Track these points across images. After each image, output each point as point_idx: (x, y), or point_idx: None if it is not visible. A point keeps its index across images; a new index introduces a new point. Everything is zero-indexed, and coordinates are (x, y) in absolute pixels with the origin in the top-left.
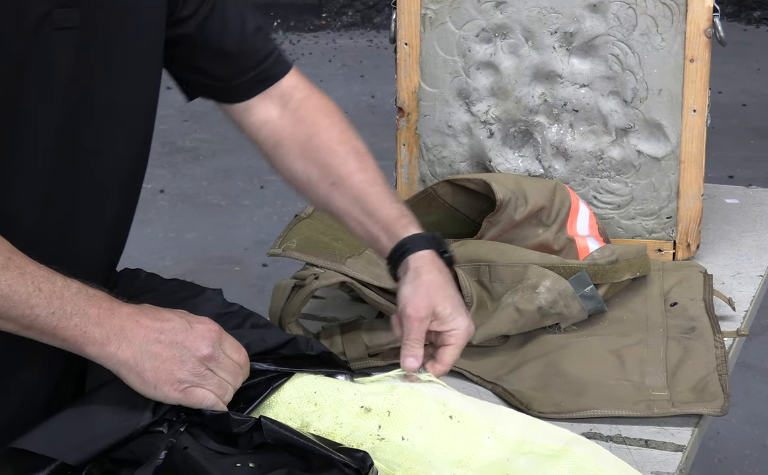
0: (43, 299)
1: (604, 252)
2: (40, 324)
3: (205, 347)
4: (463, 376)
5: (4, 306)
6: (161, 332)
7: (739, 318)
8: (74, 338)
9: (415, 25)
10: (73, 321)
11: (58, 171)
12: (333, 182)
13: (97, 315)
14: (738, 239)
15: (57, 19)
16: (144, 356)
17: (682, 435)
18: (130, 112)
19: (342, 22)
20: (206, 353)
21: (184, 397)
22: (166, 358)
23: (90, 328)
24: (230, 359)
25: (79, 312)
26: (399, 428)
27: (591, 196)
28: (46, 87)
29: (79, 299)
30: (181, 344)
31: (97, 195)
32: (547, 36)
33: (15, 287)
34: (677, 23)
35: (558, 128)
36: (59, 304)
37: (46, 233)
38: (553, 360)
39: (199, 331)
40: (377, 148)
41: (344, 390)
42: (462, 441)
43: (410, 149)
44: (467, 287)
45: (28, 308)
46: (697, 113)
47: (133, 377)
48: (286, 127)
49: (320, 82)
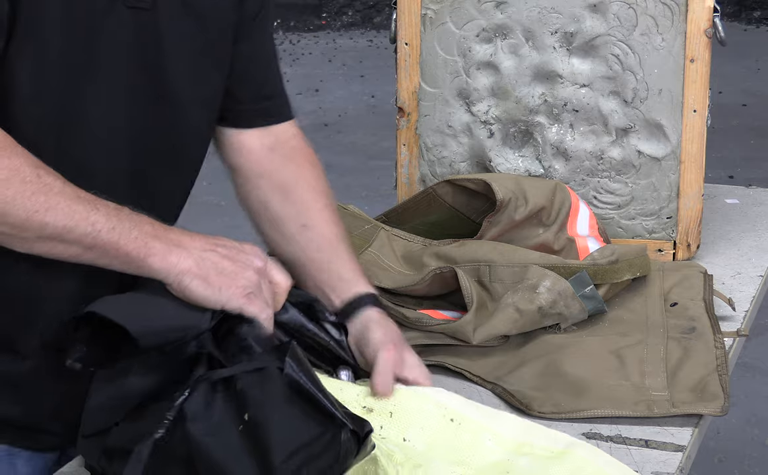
0: (102, 216)
1: (605, 252)
2: (103, 240)
3: (258, 260)
4: (463, 376)
5: (66, 226)
6: (216, 244)
7: (739, 318)
8: (137, 250)
9: (415, 25)
10: (133, 234)
11: (129, 150)
12: (305, 224)
13: (153, 230)
14: (738, 239)
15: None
16: (206, 263)
17: (682, 435)
18: (192, 101)
19: (342, 22)
20: (260, 265)
21: (247, 302)
22: (226, 265)
23: (150, 240)
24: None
25: (137, 227)
26: (401, 429)
27: (591, 196)
28: (114, 63)
29: (134, 216)
30: (237, 256)
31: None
32: (547, 36)
33: (74, 207)
34: (677, 23)
35: (558, 128)
36: (117, 220)
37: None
38: (553, 360)
39: (249, 247)
40: (377, 148)
41: (347, 390)
42: (463, 442)
43: (410, 149)
44: (467, 287)
45: (89, 225)
46: (698, 113)
47: (197, 283)
48: (273, 163)
49: (320, 82)
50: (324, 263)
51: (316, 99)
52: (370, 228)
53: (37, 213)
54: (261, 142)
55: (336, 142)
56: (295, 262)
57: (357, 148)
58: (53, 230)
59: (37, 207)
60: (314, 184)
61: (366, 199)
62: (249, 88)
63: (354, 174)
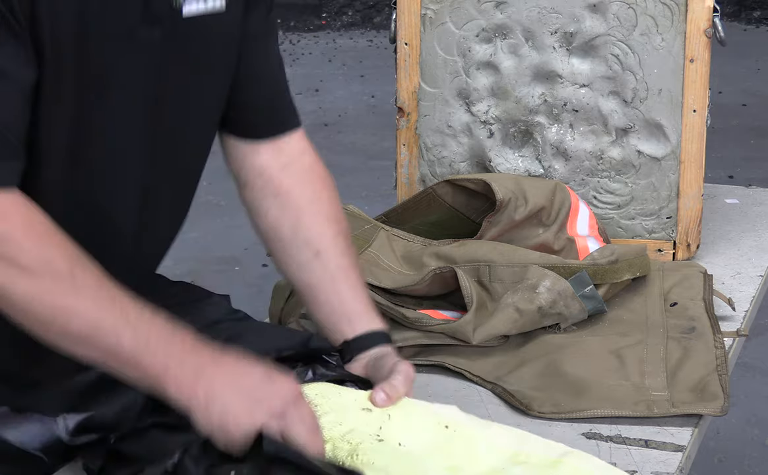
0: (130, 329)
1: (604, 252)
2: (124, 354)
3: (279, 404)
4: (463, 376)
5: (90, 333)
6: (243, 376)
7: (739, 318)
8: (155, 374)
9: (415, 25)
10: (157, 356)
11: (147, 169)
12: (318, 252)
13: (180, 352)
14: (738, 239)
15: (141, 36)
16: (216, 402)
17: (682, 435)
18: (197, 121)
19: (342, 22)
20: (279, 409)
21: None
22: (238, 408)
23: (171, 365)
24: (300, 427)
25: (163, 347)
26: (397, 433)
27: (591, 196)
28: (130, 92)
29: (165, 333)
30: (254, 397)
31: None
32: (547, 36)
33: (104, 314)
34: (677, 23)
35: (558, 128)
36: (145, 337)
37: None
38: (553, 360)
39: (279, 385)
40: (377, 148)
41: (345, 395)
42: (458, 450)
43: (410, 149)
44: (467, 287)
45: (114, 337)
46: (697, 113)
47: (198, 417)
48: (287, 184)
49: (320, 82)
50: (336, 294)
51: (316, 99)
52: (369, 228)
53: (63, 314)
54: (275, 161)
55: (336, 142)
56: (306, 289)
57: (357, 148)
58: (77, 334)
59: (63, 308)
60: (328, 210)
61: (366, 199)
62: (256, 99)
63: (354, 174)
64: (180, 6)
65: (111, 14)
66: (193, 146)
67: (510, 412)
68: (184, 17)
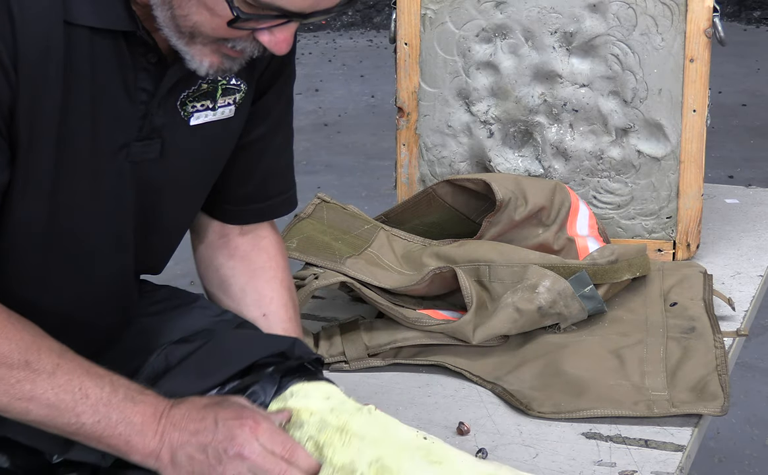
0: (89, 407)
1: (604, 252)
2: (86, 432)
3: (232, 447)
4: (462, 376)
5: (49, 415)
6: (195, 433)
7: (738, 318)
8: (118, 446)
9: (415, 25)
10: (118, 430)
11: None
12: (265, 314)
13: (141, 423)
14: (738, 238)
15: (135, 152)
16: (178, 461)
17: (682, 435)
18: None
19: (342, 21)
20: (233, 452)
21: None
22: (198, 460)
23: (134, 437)
24: (268, 454)
25: (124, 420)
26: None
27: (591, 196)
28: (115, 205)
29: (125, 406)
30: (210, 446)
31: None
32: (547, 36)
33: (62, 396)
34: (677, 23)
35: (558, 128)
36: (105, 412)
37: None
38: (553, 360)
39: (227, 429)
40: (377, 148)
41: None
42: (437, 452)
43: (410, 149)
44: (467, 287)
45: (74, 416)
46: (697, 113)
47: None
48: (246, 249)
49: (320, 82)
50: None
51: (316, 99)
52: (369, 228)
53: (20, 401)
54: (239, 230)
55: (336, 142)
56: None
57: (357, 148)
58: (36, 419)
59: (20, 395)
60: (282, 276)
61: (366, 199)
62: (238, 194)
63: (354, 174)
64: (188, 117)
65: (104, 131)
66: (178, 226)
67: (510, 412)
68: (191, 126)
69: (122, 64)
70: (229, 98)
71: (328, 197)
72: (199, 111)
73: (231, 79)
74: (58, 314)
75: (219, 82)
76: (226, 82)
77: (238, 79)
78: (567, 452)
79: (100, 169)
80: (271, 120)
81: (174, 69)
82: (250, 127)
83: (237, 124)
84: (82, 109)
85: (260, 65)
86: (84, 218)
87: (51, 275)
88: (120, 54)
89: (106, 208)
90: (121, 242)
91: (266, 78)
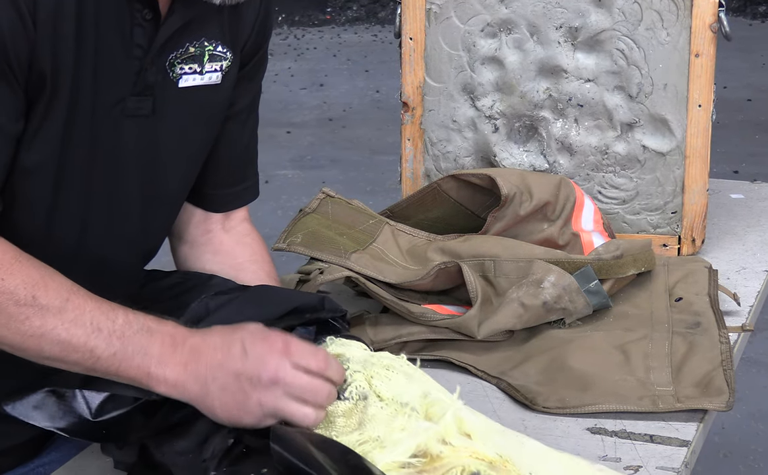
0: (102, 341)
1: (609, 247)
2: (103, 365)
3: (266, 372)
4: (467, 371)
5: (63, 351)
6: (221, 365)
7: (744, 313)
8: (138, 378)
9: (419, 19)
10: (135, 362)
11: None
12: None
13: (159, 353)
14: (743, 234)
15: (130, 107)
16: (211, 392)
17: (687, 430)
18: (183, 187)
19: (347, 16)
20: (267, 378)
21: (257, 422)
22: (232, 390)
23: (154, 368)
24: (303, 373)
25: (140, 352)
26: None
27: (596, 191)
28: (114, 167)
29: (140, 337)
30: (243, 375)
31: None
32: (552, 31)
33: (73, 330)
34: (682, 18)
35: (563, 123)
36: (120, 344)
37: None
38: (558, 355)
39: (257, 355)
40: (382, 143)
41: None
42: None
43: (415, 144)
44: (472, 282)
45: (87, 351)
46: (702, 108)
47: (206, 412)
48: (230, 244)
49: (325, 77)
50: None
51: (320, 94)
52: (374, 223)
53: (32, 337)
54: (221, 225)
55: (340, 136)
56: None
57: (361, 142)
58: (50, 356)
59: (31, 332)
60: (268, 269)
61: (370, 193)
62: (222, 176)
63: (358, 169)
64: (177, 79)
65: (104, 85)
66: (175, 198)
67: (515, 406)
68: (180, 88)
69: (121, 18)
70: (216, 64)
71: (332, 192)
72: (187, 73)
73: (217, 46)
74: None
75: (206, 47)
76: (212, 48)
77: (224, 46)
78: (572, 447)
79: (101, 123)
80: (248, 97)
81: (166, 25)
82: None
83: (224, 94)
84: (89, 63)
85: (243, 36)
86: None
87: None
88: (120, 8)
89: (108, 165)
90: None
91: (247, 51)
